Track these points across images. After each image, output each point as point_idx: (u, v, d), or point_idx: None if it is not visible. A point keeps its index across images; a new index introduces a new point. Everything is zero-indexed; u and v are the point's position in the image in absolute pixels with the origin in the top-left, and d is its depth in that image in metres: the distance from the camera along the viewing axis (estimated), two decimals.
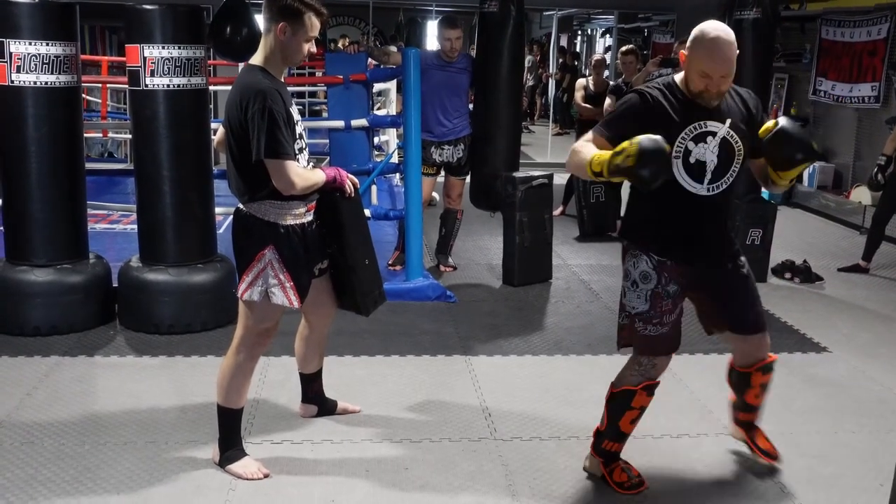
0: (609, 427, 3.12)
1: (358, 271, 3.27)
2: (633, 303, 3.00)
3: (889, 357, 4.65)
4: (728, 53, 2.79)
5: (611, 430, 3.11)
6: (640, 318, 2.98)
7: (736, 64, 2.83)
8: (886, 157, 6.24)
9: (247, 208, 3.05)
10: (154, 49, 4.39)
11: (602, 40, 18.61)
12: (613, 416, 3.10)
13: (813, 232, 8.04)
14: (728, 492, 3.16)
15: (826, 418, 3.84)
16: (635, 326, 3.00)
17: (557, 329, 4.97)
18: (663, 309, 2.97)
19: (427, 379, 4.17)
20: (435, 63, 5.71)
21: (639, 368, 3.04)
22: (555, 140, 13.51)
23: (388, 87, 9.31)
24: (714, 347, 4.66)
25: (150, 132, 4.52)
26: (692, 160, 2.88)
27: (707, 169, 2.89)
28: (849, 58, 8.71)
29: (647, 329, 2.98)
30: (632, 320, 3.00)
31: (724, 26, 2.85)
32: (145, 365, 4.24)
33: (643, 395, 3.05)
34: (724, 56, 2.78)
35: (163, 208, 4.60)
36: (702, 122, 2.88)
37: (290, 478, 3.16)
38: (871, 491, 3.17)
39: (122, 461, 3.23)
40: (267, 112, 2.87)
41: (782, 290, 5.96)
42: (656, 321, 2.97)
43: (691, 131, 2.88)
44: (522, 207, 5.71)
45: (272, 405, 3.76)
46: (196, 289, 4.63)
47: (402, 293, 5.30)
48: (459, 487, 3.12)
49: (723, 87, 2.85)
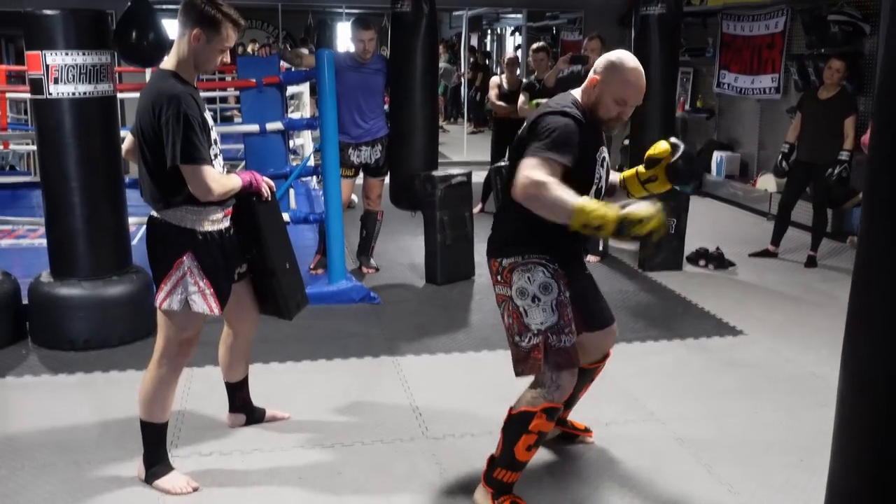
0: (504, 453, 2.87)
1: (279, 275, 3.23)
2: (539, 318, 2.80)
3: (801, 337, 4.83)
4: (643, 83, 2.82)
5: (505, 456, 2.87)
6: (552, 331, 2.80)
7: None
8: (789, 145, 6.48)
9: (162, 216, 2.97)
10: (57, 56, 4.23)
11: (512, 39, 18.82)
12: (509, 440, 2.85)
13: (723, 220, 8.30)
14: (657, 476, 3.22)
15: (746, 399, 3.96)
16: (549, 342, 2.79)
17: (483, 326, 5.00)
18: (569, 317, 2.85)
19: (355, 382, 4.14)
20: (349, 65, 5.67)
21: (541, 391, 2.82)
22: (470, 138, 13.58)
23: (300, 90, 9.22)
24: (636, 336, 4.77)
25: (56, 143, 4.36)
26: (601, 185, 2.93)
27: (602, 190, 2.97)
28: (749, 51, 9.02)
29: (561, 341, 2.80)
30: (544, 337, 2.79)
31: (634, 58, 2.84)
32: (62, 383, 4.09)
33: (543, 419, 2.81)
34: (642, 85, 2.81)
35: (73, 220, 4.44)
36: (602, 147, 2.93)
37: (220, 490, 3.09)
38: (793, 466, 3.28)
39: (42, 484, 3.11)
40: (182, 117, 2.80)
41: (697, 276, 6.13)
42: (567, 330, 2.82)
43: (599, 155, 2.89)
44: (443, 206, 5.73)
45: (198, 416, 3.68)
46: (112, 302, 4.48)
47: (326, 297, 5.25)
48: (395, 489, 3.11)
49: (626, 115, 2.87)
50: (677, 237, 6.25)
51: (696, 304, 5.42)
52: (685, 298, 5.55)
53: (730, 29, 9.33)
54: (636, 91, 2.80)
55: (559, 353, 2.80)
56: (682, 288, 5.77)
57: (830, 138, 6.13)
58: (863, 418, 1.71)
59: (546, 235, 2.79)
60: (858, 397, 1.73)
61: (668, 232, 2.50)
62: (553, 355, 2.80)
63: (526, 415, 2.82)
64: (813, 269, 6.36)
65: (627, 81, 2.78)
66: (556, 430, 3.44)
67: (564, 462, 3.32)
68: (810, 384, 4.14)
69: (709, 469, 3.27)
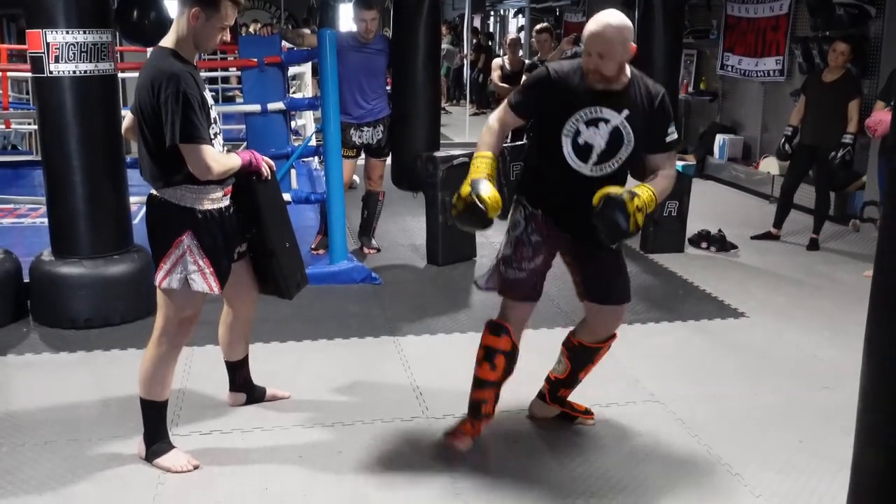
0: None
1: (278, 255, 3.22)
2: (503, 248, 3.20)
3: (803, 319, 4.82)
4: (605, 33, 2.87)
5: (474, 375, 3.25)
6: (504, 261, 3.17)
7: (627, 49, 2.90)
8: (792, 128, 6.45)
9: (161, 194, 2.96)
10: (58, 34, 4.21)
11: (515, 20, 18.73)
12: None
13: (725, 202, 8.28)
14: (657, 457, 3.23)
15: (746, 380, 3.96)
16: (499, 269, 3.19)
17: (483, 306, 4.98)
18: (522, 255, 3.13)
19: (356, 361, 4.14)
20: (351, 45, 5.64)
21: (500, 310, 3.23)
22: (472, 120, 13.55)
23: (302, 70, 9.19)
24: (637, 318, 4.76)
25: (57, 121, 4.35)
26: (580, 141, 2.99)
27: (594, 152, 3.00)
28: (753, 33, 8.96)
29: (507, 273, 3.16)
30: (498, 264, 3.20)
31: (622, 16, 2.92)
32: (63, 361, 4.09)
33: (486, 333, 3.20)
34: (600, 34, 2.87)
35: (74, 200, 4.44)
36: (597, 108, 2.97)
37: (220, 468, 3.09)
38: (792, 448, 3.29)
39: (43, 461, 3.12)
40: (181, 95, 2.79)
41: (699, 259, 6.13)
42: (515, 265, 3.14)
43: (586, 114, 2.97)
44: (444, 187, 5.71)
45: (199, 395, 3.68)
46: (113, 281, 4.49)
47: (327, 277, 5.24)
48: (395, 468, 3.11)
49: (602, 69, 2.91)
50: (679, 219, 6.24)
51: (697, 286, 5.41)
52: (687, 280, 5.54)
53: (734, 11, 9.27)
54: (591, 37, 2.90)
55: (502, 282, 3.19)
56: (684, 270, 5.76)
57: (834, 121, 6.10)
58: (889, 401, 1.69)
59: (532, 182, 3.18)
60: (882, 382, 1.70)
61: (462, 214, 2.98)
62: (500, 281, 3.19)
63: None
64: (815, 252, 6.34)
65: (587, 29, 2.94)
66: (555, 410, 3.45)
67: (565, 441, 3.32)
68: (811, 366, 4.14)
69: (708, 450, 3.27)
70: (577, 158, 3.00)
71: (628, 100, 3.00)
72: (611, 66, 2.92)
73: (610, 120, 2.98)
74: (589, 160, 3.00)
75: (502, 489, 2.97)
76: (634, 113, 2.99)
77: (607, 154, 3.00)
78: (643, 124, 3.01)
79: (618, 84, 2.98)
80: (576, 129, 2.98)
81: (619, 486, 3.00)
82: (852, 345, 4.32)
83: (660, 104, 3.05)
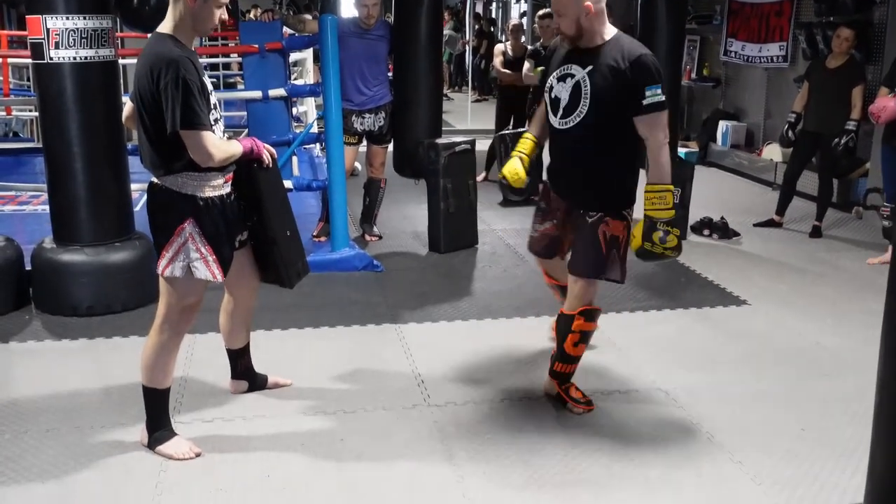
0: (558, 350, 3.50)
1: (279, 243, 3.21)
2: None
3: (805, 307, 4.82)
4: None
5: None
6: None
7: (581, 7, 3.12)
8: (796, 115, 6.42)
9: (162, 182, 2.95)
10: (58, 20, 4.19)
11: (517, 5, 18.64)
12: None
13: (728, 189, 8.26)
14: (659, 443, 3.23)
15: (748, 369, 3.96)
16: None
17: (485, 294, 5.00)
18: (534, 219, 3.65)
19: (358, 349, 4.14)
20: (352, 31, 5.62)
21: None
22: (474, 107, 13.51)
23: (303, 56, 9.16)
24: (639, 306, 4.76)
25: (57, 108, 4.34)
26: (552, 95, 3.31)
27: (560, 105, 3.27)
28: (757, 18, 8.91)
29: (530, 232, 3.72)
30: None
31: None
32: (65, 349, 4.10)
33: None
34: None
35: (75, 187, 4.43)
36: (568, 65, 3.27)
37: (222, 455, 3.10)
38: (793, 436, 3.29)
39: (45, 449, 3.12)
40: (181, 81, 2.77)
41: (702, 246, 6.11)
42: (532, 227, 3.68)
43: (559, 71, 3.30)
44: (446, 174, 5.70)
45: (201, 383, 3.69)
46: (114, 268, 4.48)
47: (329, 264, 5.24)
48: (396, 456, 3.12)
49: (561, 26, 3.20)
50: (682, 207, 6.21)
51: (699, 274, 5.40)
52: (689, 268, 5.53)
53: None
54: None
55: (528, 239, 3.75)
56: (686, 257, 5.74)
57: (838, 108, 6.07)
58: None
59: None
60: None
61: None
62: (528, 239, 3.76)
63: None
64: (818, 239, 6.33)
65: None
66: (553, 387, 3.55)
67: (568, 430, 3.32)
68: (814, 354, 4.13)
69: (710, 438, 3.27)
70: (551, 112, 3.33)
71: (596, 58, 3.19)
72: (567, 24, 3.17)
73: (574, 75, 3.23)
74: (557, 113, 3.29)
75: (504, 477, 2.98)
76: (600, 70, 3.16)
77: (570, 108, 3.23)
78: (613, 82, 3.14)
79: (590, 43, 3.21)
80: (551, 85, 3.32)
81: (620, 474, 3.00)
82: (855, 333, 4.34)
83: (633, 63, 3.14)
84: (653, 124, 3.17)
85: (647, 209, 3.21)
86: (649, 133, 3.19)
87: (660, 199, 3.19)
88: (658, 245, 3.19)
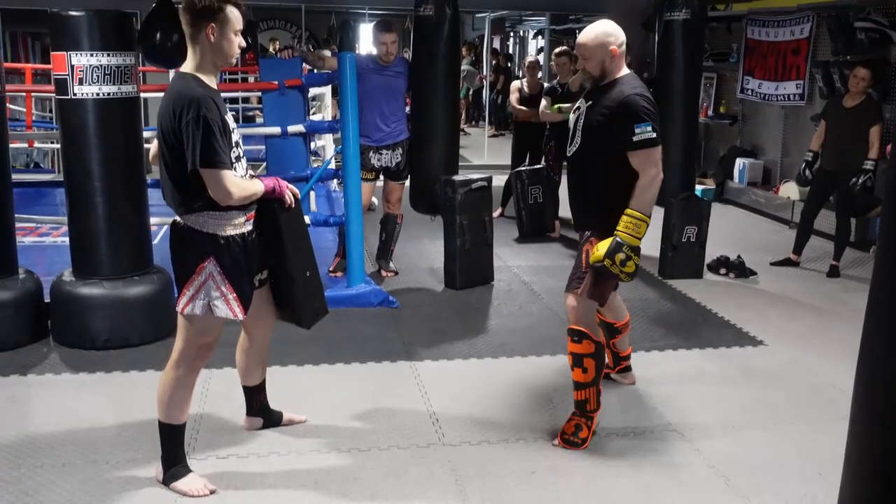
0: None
1: (298, 283, 3.22)
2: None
3: (822, 348, 4.78)
4: (581, 38, 3.46)
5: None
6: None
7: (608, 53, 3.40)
8: (813, 153, 6.42)
9: (184, 220, 2.98)
10: (82, 57, 4.27)
11: (534, 42, 18.78)
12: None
13: (745, 227, 8.24)
14: (674, 486, 3.20)
15: (765, 410, 3.93)
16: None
17: (501, 331, 4.99)
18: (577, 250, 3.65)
19: (372, 386, 4.14)
20: (371, 67, 5.68)
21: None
22: (491, 142, 13.57)
23: (322, 91, 9.23)
24: (654, 345, 4.74)
25: (79, 142, 4.40)
26: (570, 125, 3.61)
27: (570, 134, 3.59)
28: (774, 56, 8.94)
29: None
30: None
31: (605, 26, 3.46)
32: (82, 382, 4.12)
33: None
34: (582, 43, 3.45)
35: (95, 220, 4.48)
36: (582, 101, 3.57)
37: (237, 493, 3.10)
38: (811, 479, 3.25)
39: (61, 483, 3.13)
40: (202, 120, 2.81)
41: (718, 285, 6.09)
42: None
43: (579, 103, 3.60)
44: (462, 210, 5.72)
45: (216, 419, 3.69)
46: (132, 302, 4.51)
47: (345, 300, 5.25)
48: (410, 495, 3.11)
49: (587, 68, 3.47)
50: (698, 245, 6.21)
51: (715, 313, 5.38)
52: (705, 307, 5.51)
53: (754, 34, 9.26)
54: (577, 44, 3.52)
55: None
56: (703, 296, 5.73)
57: (855, 147, 6.07)
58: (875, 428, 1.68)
59: None
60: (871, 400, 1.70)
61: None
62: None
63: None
64: (835, 279, 6.29)
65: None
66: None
67: (582, 471, 3.30)
68: (831, 396, 4.10)
69: (726, 481, 3.24)
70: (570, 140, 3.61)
71: (602, 95, 3.44)
72: (593, 66, 3.45)
73: (580, 108, 3.54)
74: (569, 142, 3.59)
75: None
76: (597, 106, 3.42)
77: (572, 138, 3.54)
78: (602, 120, 3.40)
79: (605, 81, 3.46)
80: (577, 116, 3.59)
81: None
82: None
83: (621, 103, 3.36)
84: (644, 160, 3.36)
85: (619, 230, 3.33)
86: (642, 168, 3.36)
87: (635, 226, 3.34)
88: (617, 266, 3.31)
